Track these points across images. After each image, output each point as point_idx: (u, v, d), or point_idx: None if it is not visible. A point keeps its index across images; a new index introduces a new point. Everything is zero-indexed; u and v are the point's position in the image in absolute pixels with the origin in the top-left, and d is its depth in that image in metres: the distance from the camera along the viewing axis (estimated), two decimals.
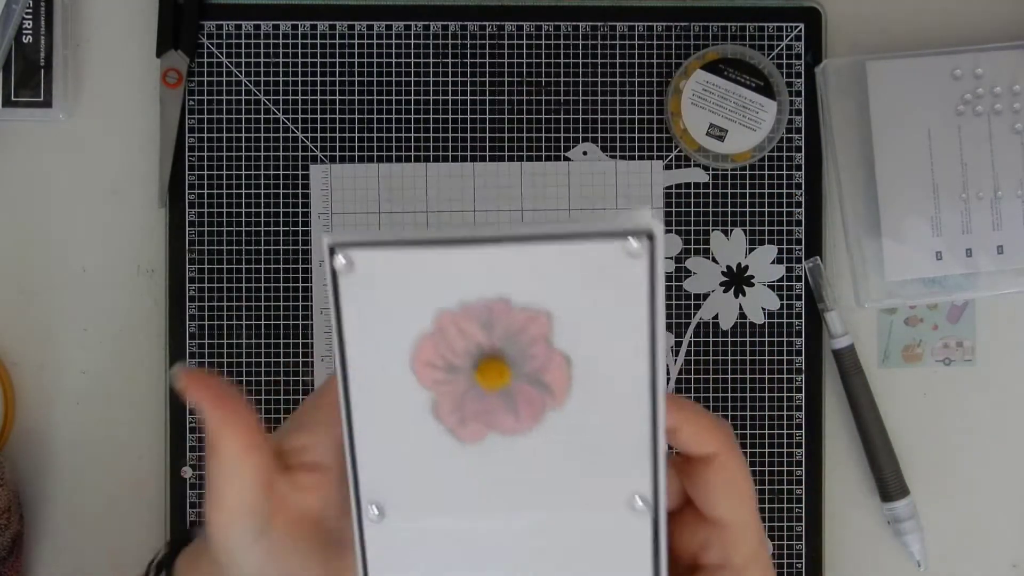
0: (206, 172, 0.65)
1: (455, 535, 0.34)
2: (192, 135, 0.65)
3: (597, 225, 0.31)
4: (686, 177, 0.66)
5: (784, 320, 0.66)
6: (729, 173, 0.66)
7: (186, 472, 0.64)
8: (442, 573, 0.35)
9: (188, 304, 0.65)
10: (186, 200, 0.65)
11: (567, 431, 0.33)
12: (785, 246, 0.66)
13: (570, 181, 0.66)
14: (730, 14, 0.66)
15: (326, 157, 0.65)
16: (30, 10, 0.64)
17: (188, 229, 0.65)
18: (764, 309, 0.66)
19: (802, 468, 0.66)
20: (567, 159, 0.66)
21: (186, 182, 0.65)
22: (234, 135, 0.65)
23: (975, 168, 0.64)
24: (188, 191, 0.65)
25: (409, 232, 0.32)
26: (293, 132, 0.65)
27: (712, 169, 0.66)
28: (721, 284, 0.66)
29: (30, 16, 0.64)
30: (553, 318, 0.32)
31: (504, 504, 0.34)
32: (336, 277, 0.32)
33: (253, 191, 0.65)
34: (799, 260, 0.66)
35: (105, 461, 0.65)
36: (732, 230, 0.66)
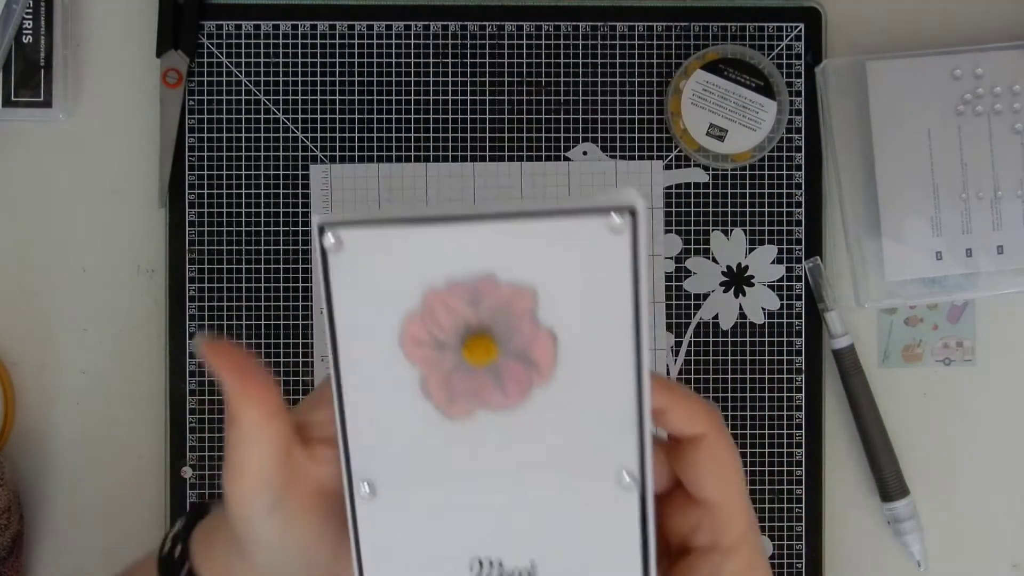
0: (206, 172, 0.65)
1: (446, 512, 0.35)
2: (192, 135, 0.65)
3: (580, 202, 0.31)
4: (686, 177, 0.66)
5: (784, 320, 0.66)
6: (729, 173, 0.66)
7: (186, 472, 0.64)
8: (433, 549, 0.35)
9: (188, 304, 0.65)
10: (186, 200, 0.65)
11: (554, 407, 0.33)
12: (785, 246, 0.66)
13: (570, 181, 0.66)
14: (730, 14, 0.66)
15: (326, 157, 0.65)
16: (30, 10, 0.64)
17: (188, 229, 0.65)
18: (764, 309, 0.66)
19: (802, 468, 0.66)
20: (567, 159, 0.66)
21: (186, 182, 0.65)
22: (234, 135, 0.65)
23: (975, 168, 0.64)
24: (188, 191, 0.65)
25: (396, 210, 0.33)
26: (293, 132, 0.65)
27: (712, 169, 0.66)
28: (721, 284, 0.66)
29: (30, 16, 0.64)
30: (539, 294, 0.32)
31: (494, 480, 0.34)
32: (326, 256, 0.33)
33: (253, 191, 0.65)
34: (799, 260, 0.66)
35: (105, 461, 0.65)
36: (732, 230, 0.66)
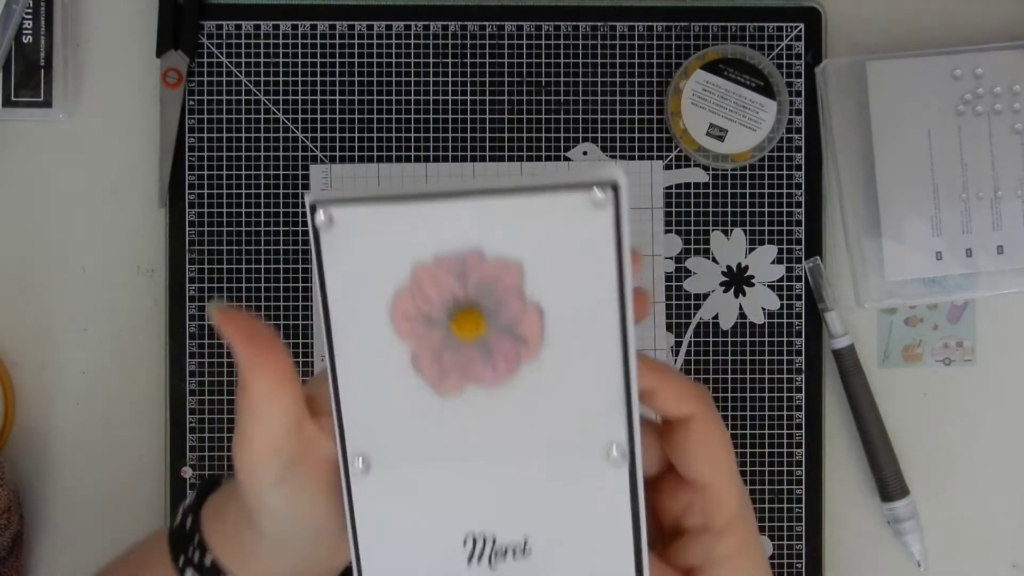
0: (206, 172, 0.65)
1: (439, 487, 0.35)
2: (192, 135, 0.65)
3: (564, 178, 0.32)
4: (686, 177, 0.66)
5: (784, 320, 0.66)
6: (729, 173, 0.66)
7: (186, 472, 0.64)
8: (427, 524, 0.36)
9: (188, 304, 0.65)
10: (186, 200, 0.65)
11: (543, 382, 0.34)
12: (785, 246, 0.66)
13: None
14: (730, 14, 0.66)
15: (326, 157, 0.65)
16: (30, 10, 0.64)
17: (188, 229, 0.65)
18: (764, 309, 0.66)
19: (802, 468, 0.66)
20: (567, 159, 0.66)
21: (186, 182, 0.65)
22: (234, 135, 0.65)
23: (975, 168, 0.64)
24: (188, 191, 0.65)
25: (386, 188, 0.33)
26: (293, 132, 0.65)
27: (712, 169, 0.66)
28: (721, 284, 0.66)
29: (30, 16, 0.64)
30: (525, 269, 0.33)
31: (486, 456, 0.35)
32: (317, 234, 0.33)
33: (253, 191, 0.65)
34: (799, 260, 0.66)
35: (105, 461, 0.65)
36: (732, 230, 0.66)
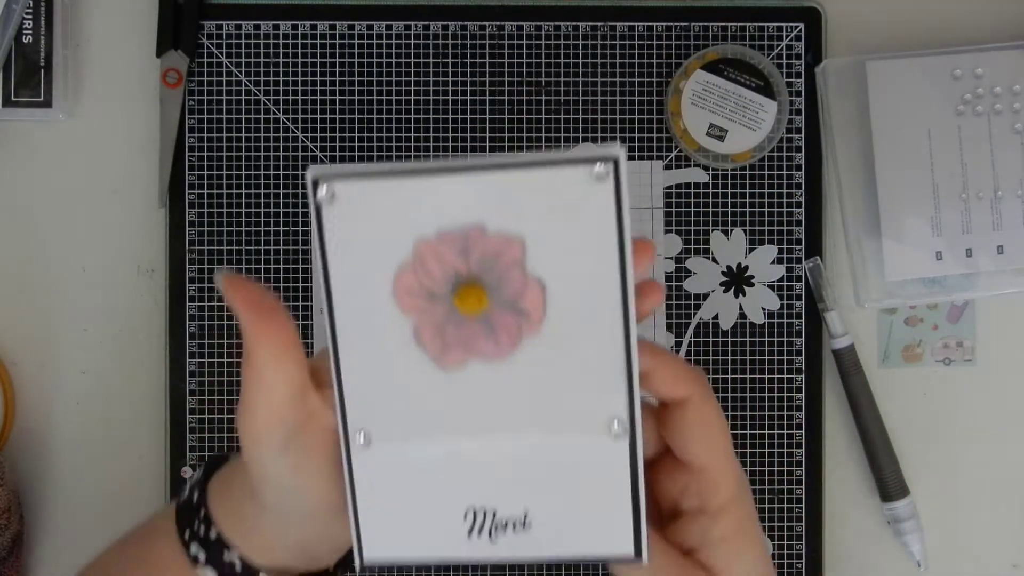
0: (206, 172, 0.65)
1: (440, 461, 0.35)
2: (192, 135, 0.65)
3: (566, 154, 0.33)
4: (686, 177, 0.66)
5: (784, 320, 0.66)
6: (729, 173, 0.66)
7: (186, 472, 0.64)
8: (428, 498, 0.36)
9: (188, 304, 0.65)
10: (186, 200, 0.65)
11: (544, 356, 0.34)
12: (785, 246, 0.66)
13: None
14: (730, 14, 0.66)
15: (326, 157, 0.65)
16: (30, 10, 0.64)
17: (188, 229, 0.65)
18: (764, 309, 0.66)
19: (802, 468, 0.66)
20: None
21: (186, 182, 0.65)
22: (234, 135, 0.65)
23: (975, 168, 0.64)
24: (188, 191, 0.65)
25: (388, 164, 0.34)
26: (293, 132, 0.65)
27: (712, 169, 0.66)
28: (721, 284, 0.66)
29: (30, 16, 0.64)
30: (527, 244, 0.33)
31: (487, 430, 0.35)
32: (319, 209, 0.33)
33: (253, 191, 0.65)
34: (799, 260, 0.66)
35: (105, 461, 0.65)
36: (732, 230, 0.66)
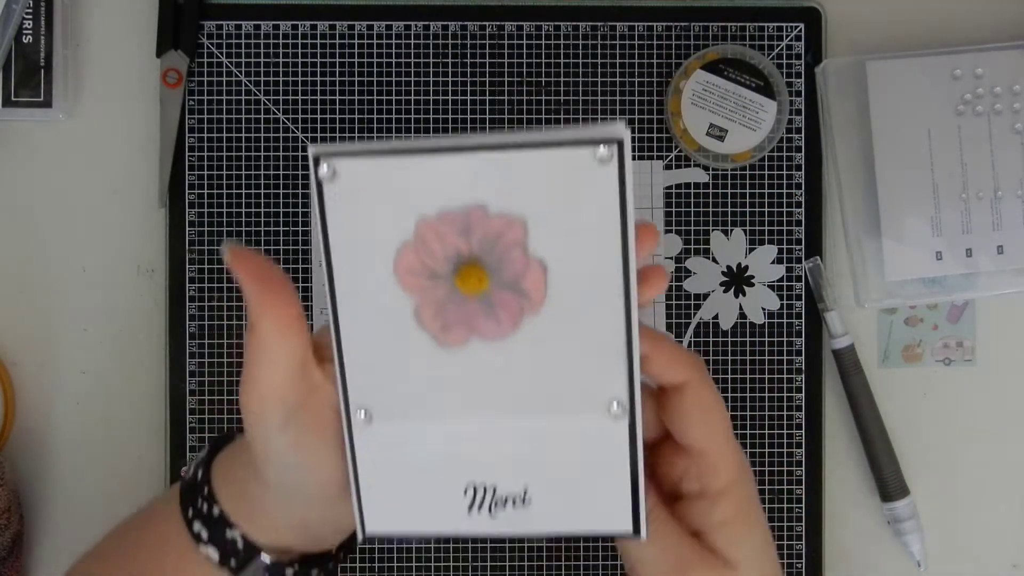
0: (206, 172, 0.65)
1: (441, 438, 0.35)
2: (192, 135, 0.65)
3: (569, 134, 0.32)
4: (686, 177, 0.66)
5: (784, 320, 0.66)
6: (729, 173, 0.66)
7: (186, 472, 0.64)
8: (429, 475, 0.36)
9: (188, 304, 0.65)
10: (186, 200, 0.65)
11: (546, 337, 0.34)
12: (785, 246, 0.66)
13: None
14: (730, 14, 0.66)
15: None
16: (30, 10, 0.64)
17: (188, 229, 0.65)
18: (764, 309, 0.66)
19: (802, 468, 0.66)
20: None
21: (186, 182, 0.65)
22: (234, 135, 0.65)
23: (975, 168, 0.64)
24: (188, 191, 0.65)
25: (390, 142, 0.33)
26: (293, 132, 0.65)
27: (712, 169, 0.66)
28: (721, 284, 0.66)
29: (30, 16, 0.64)
30: (529, 225, 0.33)
31: (487, 408, 0.35)
32: (321, 187, 0.33)
33: (253, 191, 0.65)
34: (799, 260, 0.66)
35: (105, 461, 0.65)
36: (732, 230, 0.66)
